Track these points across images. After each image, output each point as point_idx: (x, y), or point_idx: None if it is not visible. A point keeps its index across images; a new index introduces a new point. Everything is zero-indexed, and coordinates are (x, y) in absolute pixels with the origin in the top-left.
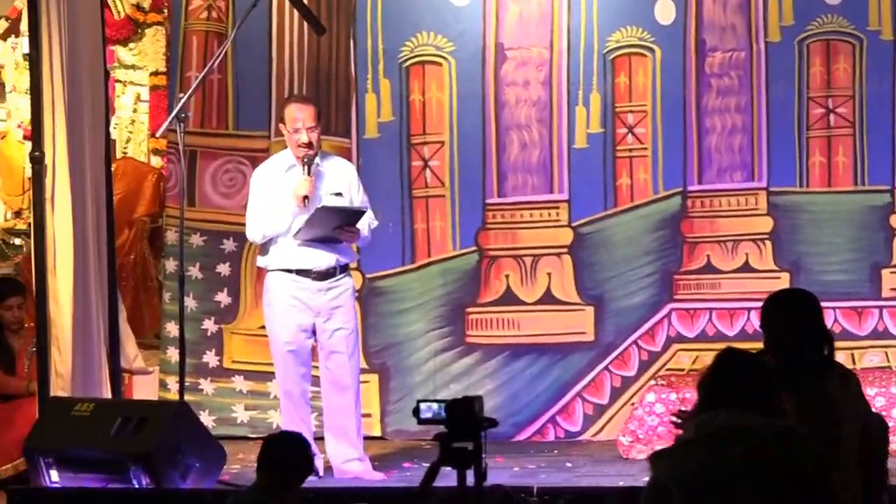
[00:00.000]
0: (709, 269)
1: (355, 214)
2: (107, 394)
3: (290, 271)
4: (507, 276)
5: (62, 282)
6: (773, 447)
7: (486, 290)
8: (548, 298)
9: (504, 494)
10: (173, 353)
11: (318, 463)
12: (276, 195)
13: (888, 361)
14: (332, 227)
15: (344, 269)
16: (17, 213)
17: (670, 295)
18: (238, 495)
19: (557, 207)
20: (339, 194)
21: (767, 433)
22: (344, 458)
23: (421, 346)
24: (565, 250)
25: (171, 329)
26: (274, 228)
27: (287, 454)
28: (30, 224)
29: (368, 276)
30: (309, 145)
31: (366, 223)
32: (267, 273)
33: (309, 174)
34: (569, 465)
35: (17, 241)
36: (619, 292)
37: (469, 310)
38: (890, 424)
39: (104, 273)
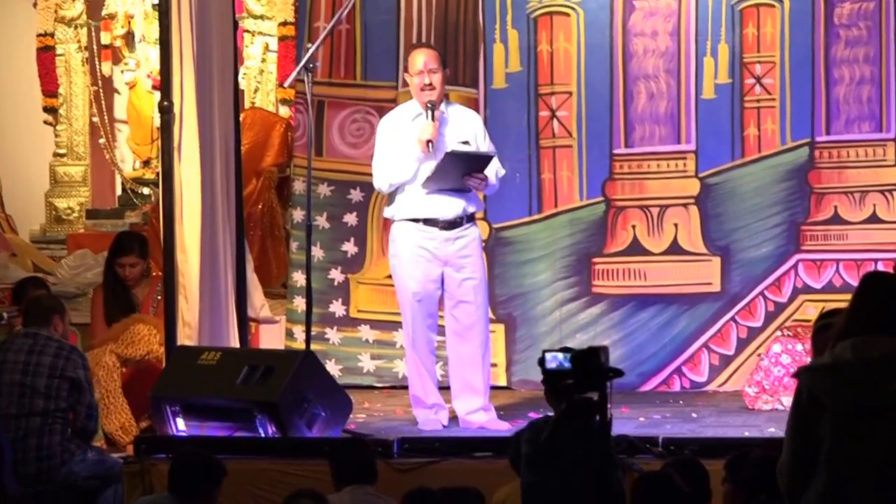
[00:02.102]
0: (836, 220)
1: (484, 159)
2: (234, 343)
3: (416, 221)
4: (633, 227)
5: (189, 231)
6: None
7: (612, 240)
8: (674, 249)
9: (629, 444)
10: (300, 303)
11: (443, 414)
12: (402, 144)
13: None
14: (461, 174)
15: (470, 217)
16: (146, 163)
17: (797, 246)
18: None
19: (684, 158)
20: (465, 142)
21: None
22: (469, 409)
23: (547, 296)
24: (692, 201)
25: (298, 278)
26: (400, 176)
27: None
28: (158, 173)
29: (495, 225)
30: (431, 87)
31: (493, 171)
32: (393, 223)
33: (433, 119)
34: (694, 415)
35: (146, 191)
36: (745, 243)
37: (595, 260)
38: None
39: (232, 222)
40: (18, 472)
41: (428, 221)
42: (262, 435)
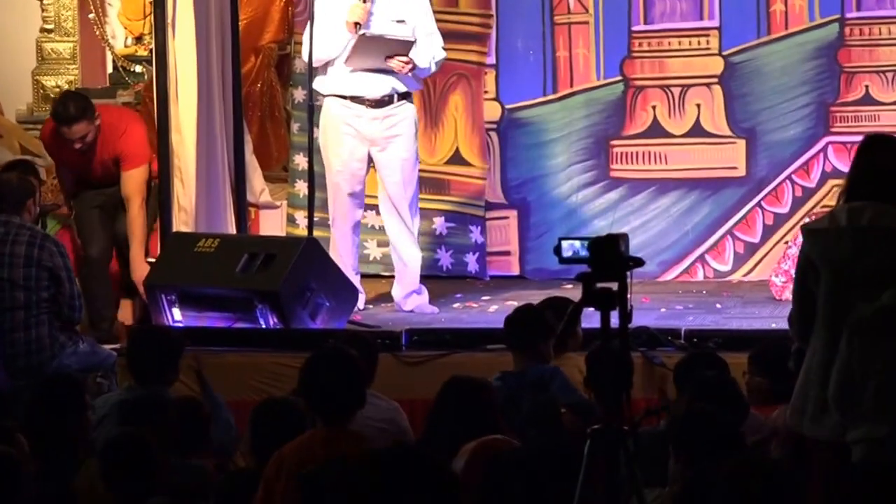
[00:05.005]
0: (867, 100)
1: (401, 45)
2: (232, 229)
3: (344, 98)
4: (653, 108)
5: (185, 111)
6: None
7: (631, 121)
8: (697, 131)
9: (649, 336)
10: (302, 187)
11: (361, 298)
12: (337, 18)
13: None
14: (382, 56)
15: (403, 96)
16: (138, 39)
17: (826, 128)
18: None
19: (707, 35)
20: (401, 21)
21: None
22: (403, 293)
23: (563, 180)
24: (715, 80)
25: (300, 161)
26: (326, 53)
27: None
28: (151, 50)
29: (508, 106)
30: None
31: (426, 55)
32: (323, 98)
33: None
34: (718, 306)
35: (138, 69)
36: (772, 125)
37: (614, 142)
38: None
39: (229, 102)
40: (8, 366)
41: (355, 99)
42: (263, 326)
